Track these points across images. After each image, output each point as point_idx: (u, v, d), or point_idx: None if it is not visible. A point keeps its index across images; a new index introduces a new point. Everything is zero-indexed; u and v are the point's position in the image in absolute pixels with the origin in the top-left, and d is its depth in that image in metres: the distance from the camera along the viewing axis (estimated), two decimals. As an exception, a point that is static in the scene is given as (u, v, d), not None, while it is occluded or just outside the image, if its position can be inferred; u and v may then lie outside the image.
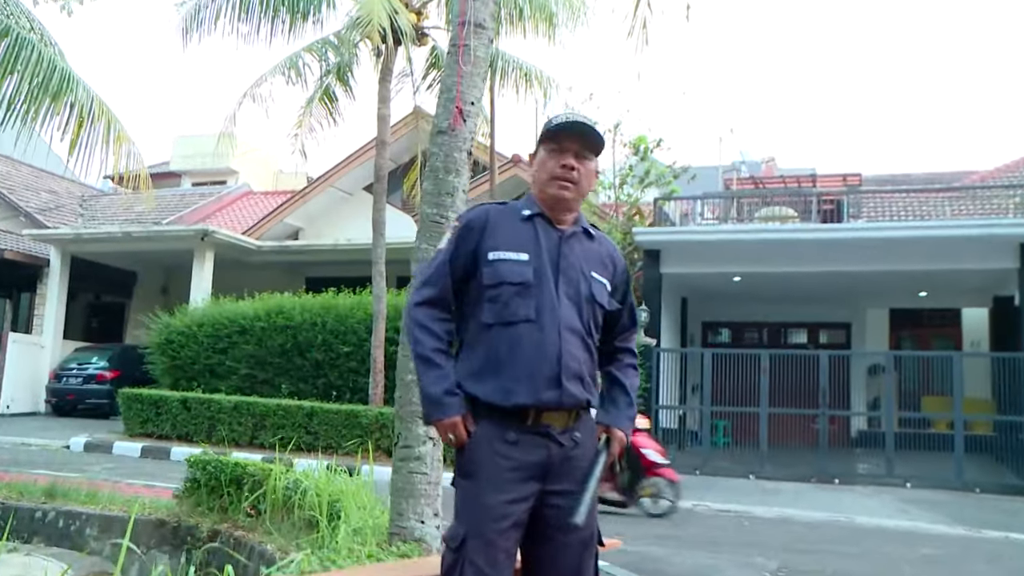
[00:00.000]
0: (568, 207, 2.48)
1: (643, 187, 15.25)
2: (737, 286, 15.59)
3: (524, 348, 2.35)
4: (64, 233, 17.44)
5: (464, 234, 2.49)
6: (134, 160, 8.14)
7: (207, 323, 14.40)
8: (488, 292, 2.43)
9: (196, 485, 5.32)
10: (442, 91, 4.06)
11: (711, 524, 8.46)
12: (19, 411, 16.43)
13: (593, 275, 2.48)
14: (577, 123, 2.49)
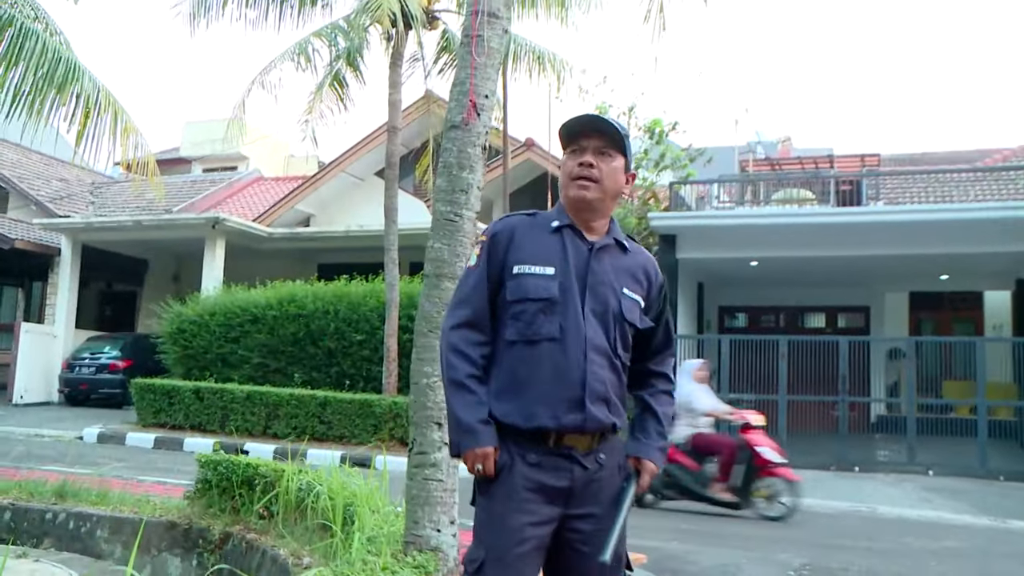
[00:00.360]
0: (591, 208, 2.35)
1: (658, 171, 15.07)
2: (754, 270, 15.43)
3: (546, 368, 2.24)
4: (75, 222, 17.41)
5: (492, 247, 2.37)
6: (141, 151, 8.03)
7: (219, 312, 14.38)
8: (511, 308, 2.32)
9: (207, 486, 5.25)
10: (455, 84, 3.93)
11: (731, 516, 8.35)
12: (33, 401, 16.47)
13: (624, 291, 2.36)
14: (591, 118, 2.37)
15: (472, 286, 2.37)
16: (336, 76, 13.57)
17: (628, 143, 2.41)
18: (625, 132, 2.41)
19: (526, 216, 2.43)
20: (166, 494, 6.22)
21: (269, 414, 12.69)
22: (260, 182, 24.43)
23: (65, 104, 7.44)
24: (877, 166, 19.01)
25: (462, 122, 3.81)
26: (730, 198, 16.84)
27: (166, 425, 13.23)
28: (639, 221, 14.25)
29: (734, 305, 18.87)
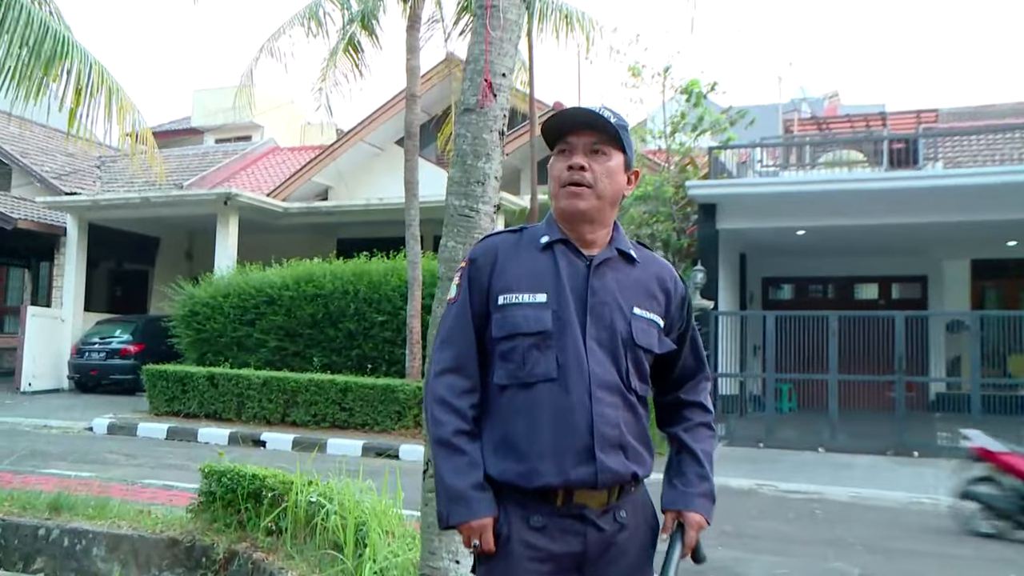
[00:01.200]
0: (587, 219, 2.06)
1: (696, 135, 14.67)
2: (800, 240, 15.04)
3: (546, 415, 1.96)
4: (80, 200, 17.33)
5: (473, 275, 2.09)
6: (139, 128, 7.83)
7: (233, 293, 14.30)
8: (499, 346, 2.03)
9: (212, 498, 5.08)
10: (467, 61, 3.64)
11: (777, 513, 8.07)
12: (42, 388, 16.50)
13: (636, 311, 2.06)
14: (579, 111, 2.06)
15: (453, 323, 2.09)
16: (350, 41, 13.31)
17: (627, 136, 2.10)
18: (623, 123, 2.09)
19: (511, 234, 2.15)
20: (171, 502, 6.08)
21: (287, 401, 12.61)
22: (275, 152, 24.28)
23: (57, 80, 7.24)
24: (934, 123, 18.42)
25: (476, 105, 3.53)
26: (773, 162, 16.39)
27: (179, 413, 13.21)
28: (676, 190, 13.89)
29: (779, 276, 18.49)
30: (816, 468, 10.69)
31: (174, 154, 23.89)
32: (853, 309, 15.51)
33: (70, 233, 17.39)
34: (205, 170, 21.60)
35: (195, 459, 9.53)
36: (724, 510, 7.95)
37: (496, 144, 3.59)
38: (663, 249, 14.23)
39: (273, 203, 17.48)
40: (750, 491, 9.30)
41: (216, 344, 14.28)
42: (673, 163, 14.77)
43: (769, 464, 10.91)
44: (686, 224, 14.31)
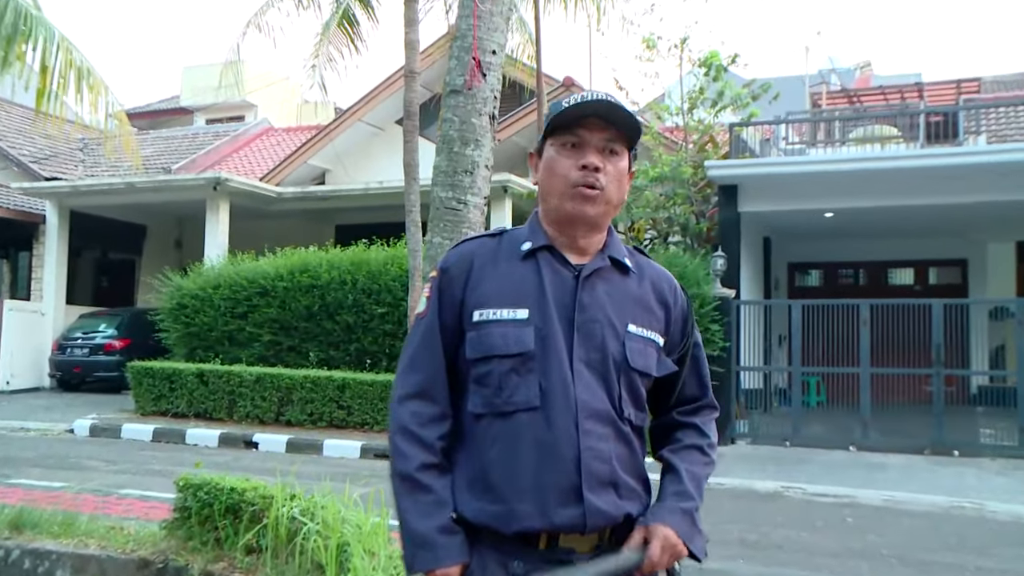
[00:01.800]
0: (593, 226, 1.92)
1: (716, 111, 14.44)
2: (829, 222, 14.83)
3: (526, 449, 1.80)
4: (59, 185, 17.21)
5: (444, 286, 1.93)
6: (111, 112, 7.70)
7: (223, 285, 14.24)
8: (474, 369, 1.87)
9: (187, 514, 4.96)
10: (455, 38, 3.49)
11: (804, 520, 7.91)
12: (21, 387, 16.42)
13: (631, 329, 1.90)
14: (601, 102, 1.89)
15: (421, 342, 1.93)
16: (345, 14, 13.14)
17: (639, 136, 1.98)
18: (637, 118, 1.96)
19: (488, 239, 1.99)
20: (148, 515, 5.97)
21: (282, 399, 12.54)
22: (270, 133, 24.18)
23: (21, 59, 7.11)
24: (976, 94, 18.15)
25: (464, 86, 3.37)
26: (800, 139, 16.15)
27: (167, 413, 13.16)
28: (695, 170, 13.68)
29: (806, 262, 18.29)
30: (847, 469, 10.54)
31: (162, 136, 23.81)
32: (887, 296, 15.28)
33: (49, 221, 17.30)
34: (195, 153, 21.51)
35: (181, 464, 9.46)
36: (747, 516, 7.87)
37: (486, 129, 3.43)
38: (681, 234, 14.04)
39: (266, 188, 17.36)
40: (775, 494, 9.16)
41: (206, 339, 14.21)
42: (691, 141, 14.57)
43: (795, 464, 10.76)
44: (706, 207, 14.12)
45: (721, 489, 9.29)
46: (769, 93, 14.25)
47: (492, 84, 3.42)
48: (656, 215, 14.01)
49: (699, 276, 11.97)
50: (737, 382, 12.52)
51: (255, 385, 12.68)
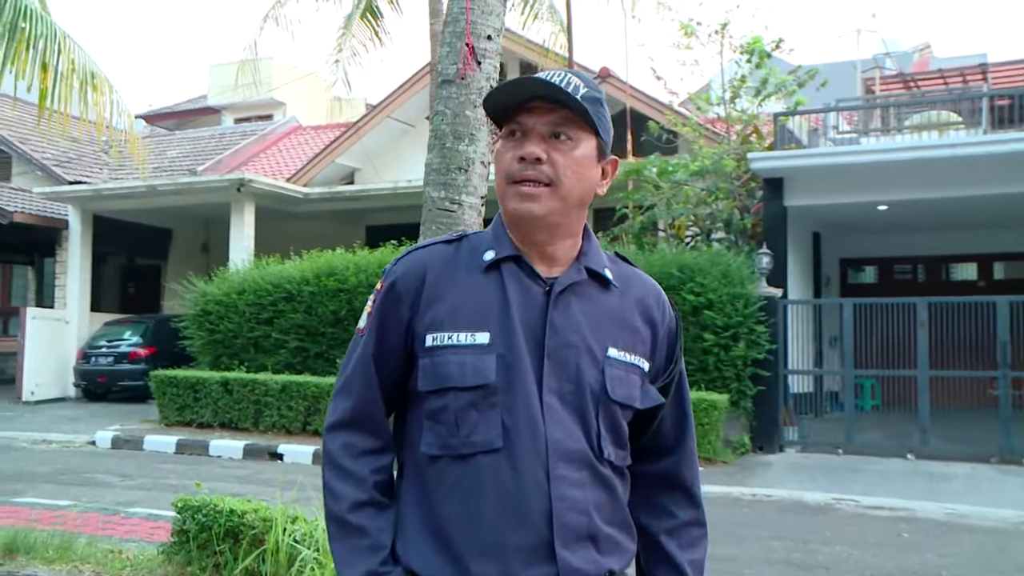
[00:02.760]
0: (544, 226, 1.67)
1: (760, 100, 14.12)
2: (883, 215, 14.44)
3: (488, 498, 1.58)
4: (80, 190, 17.34)
5: (388, 302, 1.70)
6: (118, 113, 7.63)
7: (248, 290, 14.21)
8: (427, 403, 1.65)
9: (186, 537, 4.85)
10: (446, 23, 3.29)
11: (856, 535, 7.62)
12: (46, 397, 16.56)
13: (611, 353, 1.67)
14: (533, 80, 1.64)
15: (356, 364, 1.71)
16: (368, 6, 13.08)
17: (602, 112, 1.69)
18: (595, 95, 1.67)
19: (443, 246, 1.74)
20: (151, 536, 5.87)
21: (308, 408, 12.47)
22: (298, 132, 24.22)
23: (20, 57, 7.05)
24: (1047, 74, 17.56)
25: (457, 75, 3.18)
26: (851, 128, 15.74)
27: (192, 423, 13.14)
28: (738, 163, 13.38)
29: (860, 257, 17.88)
30: (904, 479, 10.20)
31: (188, 137, 23.95)
32: (948, 292, 14.87)
33: (72, 226, 17.43)
34: (221, 153, 21.58)
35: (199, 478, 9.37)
36: (794, 531, 7.61)
37: (482, 122, 3.23)
38: (724, 230, 13.75)
39: (292, 188, 17.33)
40: (826, 507, 8.87)
41: (231, 346, 14.19)
42: (734, 133, 14.27)
43: (849, 474, 10.47)
44: (750, 202, 13.80)
45: (768, 501, 9.04)
46: (816, 80, 13.91)
47: (488, 72, 3.23)
48: (697, 211, 13.73)
49: (743, 275, 11.70)
50: (785, 386, 12.20)
51: (281, 394, 12.61)
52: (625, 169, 13.93)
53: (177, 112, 29.26)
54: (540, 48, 12.95)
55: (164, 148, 23.15)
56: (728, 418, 11.28)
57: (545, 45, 12.53)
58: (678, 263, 11.87)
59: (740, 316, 11.44)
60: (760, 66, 13.93)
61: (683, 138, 15.12)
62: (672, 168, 13.56)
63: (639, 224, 13.75)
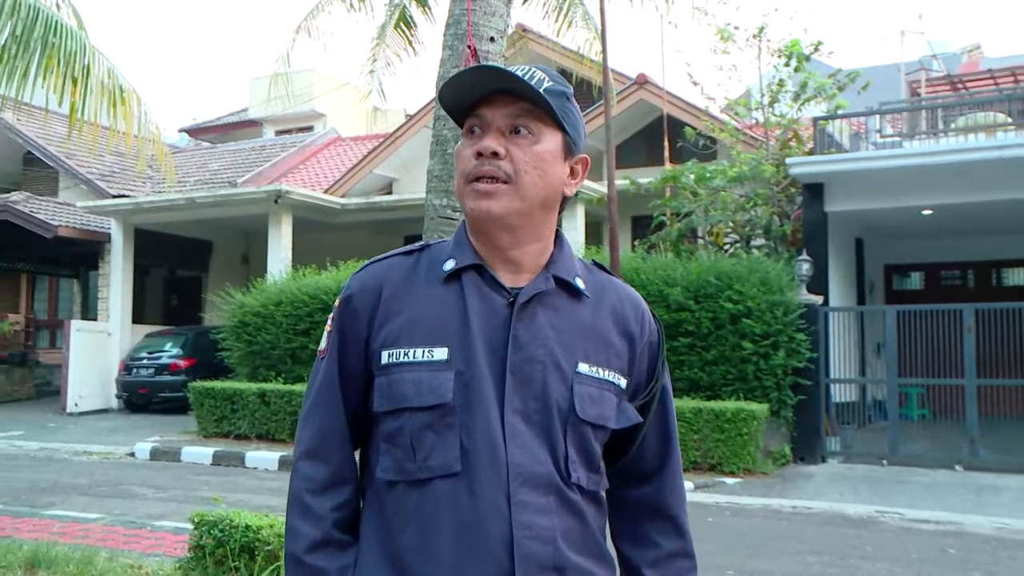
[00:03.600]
0: (505, 228, 1.54)
1: (800, 104, 13.88)
2: (928, 220, 14.12)
3: (445, 525, 1.47)
4: (121, 203, 17.55)
5: (346, 319, 1.59)
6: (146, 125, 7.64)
7: (285, 301, 14.24)
8: (382, 424, 1.55)
9: (202, 553, 4.79)
10: (448, 24, 3.19)
11: (899, 550, 7.37)
12: (89, 409, 16.78)
13: (581, 368, 1.54)
14: (488, 69, 1.53)
15: (319, 389, 1.60)
16: (402, 16, 13.01)
17: (568, 106, 1.57)
18: (559, 88, 1.56)
19: (403, 257, 1.63)
20: (174, 551, 5.82)
21: (344, 420, 12.41)
22: (337, 143, 24.33)
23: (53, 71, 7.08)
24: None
25: (459, 77, 3.06)
26: (895, 131, 15.43)
27: (229, 435, 13.20)
28: (777, 168, 13.14)
29: (905, 263, 17.50)
30: (952, 491, 9.88)
31: (229, 149, 24.17)
32: (998, 298, 14.48)
33: (114, 239, 17.64)
34: (261, 165, 21.73)
35: (232, 490, 9.41)
36: (833, 545, 7.38)
37: (485, 126, 3.11)
38: (763, 236, 13.51)
39: (329, 199, 17.38)
40: (868, 520, 8.61)
41: (269, 357, 14.23)
42: (773, 138, 14.04)
43: (893, 485, 10.19)
44: (790, 207, 13.56)
45: (808, 513, 8.81)
46: (858, 83, 13.63)
47: (490, 74, 3.10)
48: (736, 218, 13.51)
49: (783, 282, 11.48)
50: (827, 395, 11.94)
51: (317, 405, 12.59)
52: (662, 176, 13.78)
53: (220, 125, 29.58)
54: (575, 55, 12.81)
55: (206, 161, 23.38)
56: (768, 428, 11.07)
57: (580, 52, 12.37)
58: (716, 270, 11.69)
59: (780, 324, 11.22)
60: (799, 70, 13.70)
61: (721, 144, 14.92)
62: (710, 174, 13.37)
63: (677, 231, 13.56)
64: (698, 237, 14.28)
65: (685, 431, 10.55)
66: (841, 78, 13.80)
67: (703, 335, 11.50)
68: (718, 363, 11.46)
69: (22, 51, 6.74)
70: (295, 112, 25.11)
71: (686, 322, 11.53)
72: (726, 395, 11.26)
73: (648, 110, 16.86)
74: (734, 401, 10.93)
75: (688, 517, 1.70)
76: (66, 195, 20.13)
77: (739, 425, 10.43)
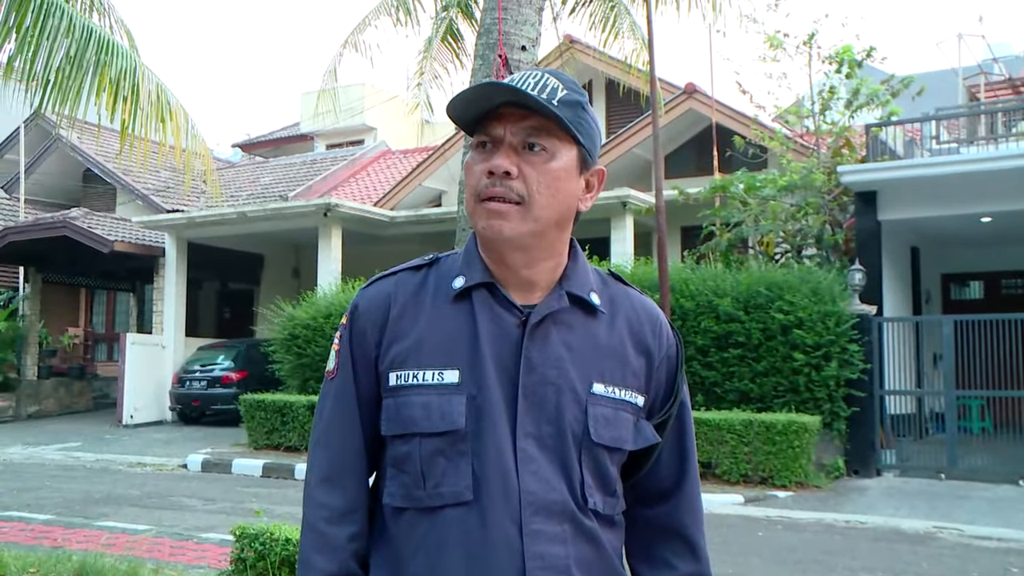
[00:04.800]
0: (515, 248, 1.49)
1: (852, 111, 13.67)
2: (986, 227, 13.81)
3: (454, 558, 1.42)
4: (175, 218, 17.85)
5: (354, 338, 1.56)
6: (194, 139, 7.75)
7: (334, 313, 14.32)
8: (391, 448, 1.51)
9: (243, 566, 4.81)
10: (479, 34, 3.18)
11: (959, 568, 7.18)
12: (144, 421, 17.06)
13: (596, 389, 1.49)
14: (499, 86, 1.47)
15: (331, 412, 1.56)
16: (449, 29, 13.07)
17: (585, 117, 1.51)
18: (574, 98, 1.49)
19: (410, 273, 1.58)
20: (219, 563, 5.86)
21: (393, 432, 12.45)
22: (387, 156, 24.49)
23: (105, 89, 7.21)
24: None
25: (488, 87, 3.05)
26: (952, 137, 15.12)
27: (280, 447, 13.30)
28: (828, 177, 12.95)
29: (963, 272, 17.11)
30: (1015, 507, 9.61)
31: (280, 163, 24.46)
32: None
33: (168, 253, 17.94)
34: (312, 179, 21.94)
35: (280, 503, 9.47)
36: (888, 562, 7.22)
37: (517, 138, 3.08)
38: (815, 246, 13.32)
39: (378, 212, 17.50)
40: (925, 536, 8.40)
41: (318, 370, 14.31)
42: (824, 146, 13.84)
43: (952, 500, 9.94)
44: (842, 216, 13.35)
45: (862, 528, 8.64)
46: (912, 88, 13.39)
47: (523, 84, 3.07)
48: (787, 227, 13.33)
49: (835, 292, 11.30)
50: (882, 407, 11.71)
51: (366, 417, 12.65)
52: (712, 185, 13.66)
53: (272, 140, 29.97)
54: (622, 65, 12.74)
55: (258, 175, 23.69)
56: (820, 440, 10.89)
57: (627, 62, 12.31)
58: (766, 281, 11.54)
59: (832, 335, 11.04)
60: (851, 76, 13.49)
61: (771, 153, 14.75)
62: (760, 183, 13.21)
63: (726, 241, 13.42)
64: (748, 247, 14.12)
65: (735, 443, 10.45)
66: (895, 84, 13.57)
67: (753, 346, 11.36)
68: (769, 374, 11.31)
69: (75, 71, 6.87)
70: (346, 126, 25.33)
71: (736, 333, 11.41)
72: (777, 407, 11.11)
73: (697, 119, 16.75)
74: (785, 413, 10.78)
75: (705, 538, 1.66)
76: (123, 210, 20.53)
77: (790, 437, 10.27)
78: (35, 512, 8.72)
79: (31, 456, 13.73)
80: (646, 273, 11.99)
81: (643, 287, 9.41)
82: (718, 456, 10.46)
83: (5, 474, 11.88)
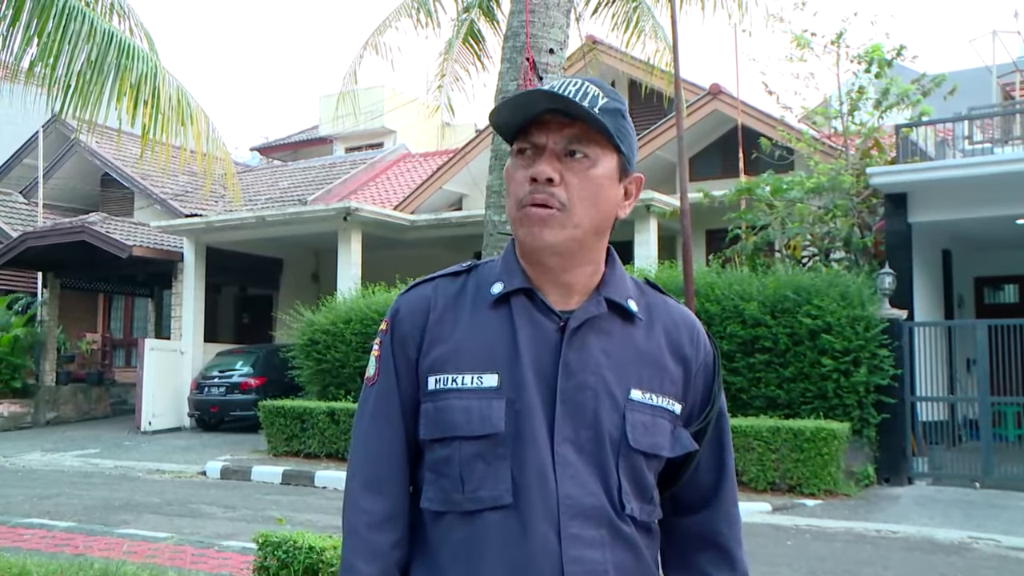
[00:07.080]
0: (563, 256, 1.52)
1: (881, 112, 13.59)
2: (1022, 230, 13.69)
3: (494, 562, 1.45)
4: (193, 222, 17.95)
5: (396, 342, 1.59)
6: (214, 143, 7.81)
7: (354, 319, 14.38)
8: (429, 452, 1.54)
9: (266, 574, 4.84)
10: (506, 37, 3.21)
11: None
12: (162, 427, 17.14)
13: (633, 395, 1.52)
14: (543, 93, 1.51)
15: (373, 417, 1.59)
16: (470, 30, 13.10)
17: (624, 125, 1.55)
18: (614, 105, 1.53)
19: (449, 279, 1.62)
20: (239, 571, 5.90)
21: (413, 438, 12.48)
22: (407, 159, 24.56)
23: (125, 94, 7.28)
24: None
25: (517, 90, 3.06)
26: (985, 137, 15.00)
27: (299, 454, 13.35)
28: (857, 178, 12.88)
29: (997, 275, 16.96)
30: (1052, 516, 9.54)
31: (299, 167, 24.58)
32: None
33: (186, 258, 18.04)
34: (331, 183, 22.04)
35: (300, 510, 9.52)
36: (922, 573, 7.18)
37: (543, 141, 3.10)
38: (843, 249, 13.25)
39: (398, 216, 17.54)
40: (960, 547, 8.34)
41: (338, 375, 14.37)
42: (853, 147, 13.77)
43: (987, 510, 9.86)
44: (871, 219, 13.27)
45: (894, 538, 8.58)
46: (943, 88, 13.30)
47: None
48: (814, 230, 13.27)
49: (864, 296, 11.24)
50: (913, 414, 11.63)
51: (386, 424, 12.67)
52: (737, 188, 13.62)
53: (291, 143, 30.14)
54: (645, 65, 12.73)
55: (277, 179, 23.82)
56: (850, 448, 10.83)
57: (650, 62, 12.30)
58: (793, 285, 11.50)
59: (861, 340, 10.98)
60: (880, 76, 13.42)
61: (798, 154, 14.70)
62: (786, 186, 13.15)
63: (752, 245, 13.38)
64: (775, 250, 14.06)
65: (763, 450, 10.40)
66: (926, 83, 13.47)
67: (781, 351, 11.32)
68: (796, 380, 11.26)
69: (96, 75, 6.94)
70: (365, 129, 25.44)
71: (763, 338, 11.37)
72: (805, 413, 11.06)
73: (722, 121, 16.70)
74: (814, 420, 10.73)
75: (743, 549, 1.67)
76: (141, 215, 20.70)
77: (819, 444, 10.22)
78: (56, 519, 8.82)
79: (50, 463, 13.86)
80: (671, 277, 11.96)
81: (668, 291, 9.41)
82: (745, 464, 10.43)
83: (25, 480, 12.01)
